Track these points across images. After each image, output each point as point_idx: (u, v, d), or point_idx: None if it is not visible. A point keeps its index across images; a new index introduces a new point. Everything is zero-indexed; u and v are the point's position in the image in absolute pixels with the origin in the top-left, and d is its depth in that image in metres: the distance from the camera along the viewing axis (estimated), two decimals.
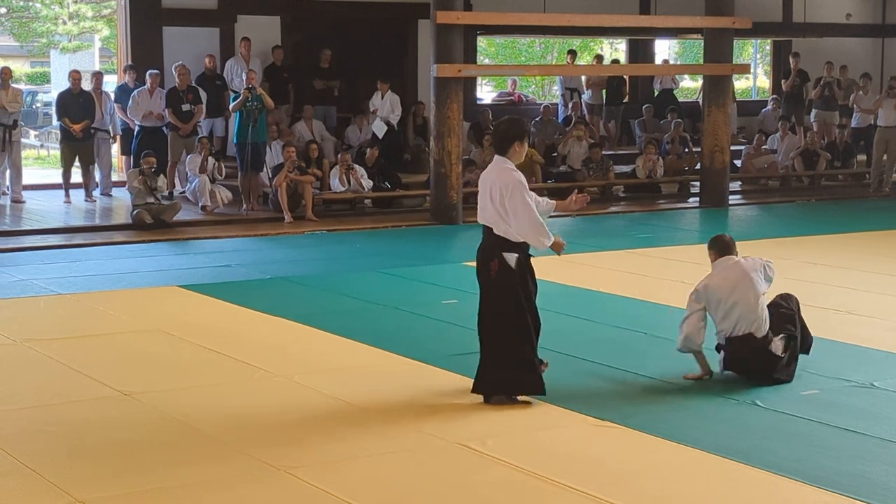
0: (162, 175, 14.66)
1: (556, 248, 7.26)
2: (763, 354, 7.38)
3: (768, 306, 7.55)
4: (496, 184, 7.09)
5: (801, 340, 7.62)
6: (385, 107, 16.79)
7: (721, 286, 7.49)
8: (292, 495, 5.60)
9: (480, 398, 7.13)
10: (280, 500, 5.56)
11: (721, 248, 7.77)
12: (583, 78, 20.59)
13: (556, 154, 18.11)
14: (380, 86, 16.80)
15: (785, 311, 7.62)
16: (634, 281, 10.99)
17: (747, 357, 7.41)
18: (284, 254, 12.79)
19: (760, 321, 7.40)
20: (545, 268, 11.72)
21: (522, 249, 7.19)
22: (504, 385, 7.11)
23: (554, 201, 7.51)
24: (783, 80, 20.96)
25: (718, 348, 7.60)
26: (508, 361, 7.10)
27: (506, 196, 7.04)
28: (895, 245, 13.20)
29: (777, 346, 7.44)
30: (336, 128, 17.53)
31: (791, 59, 20.77)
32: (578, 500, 5.49)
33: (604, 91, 20.34)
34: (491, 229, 7.17)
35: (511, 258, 7.11)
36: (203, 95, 16.14)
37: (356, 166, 15.67)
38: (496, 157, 7.23)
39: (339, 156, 15.85)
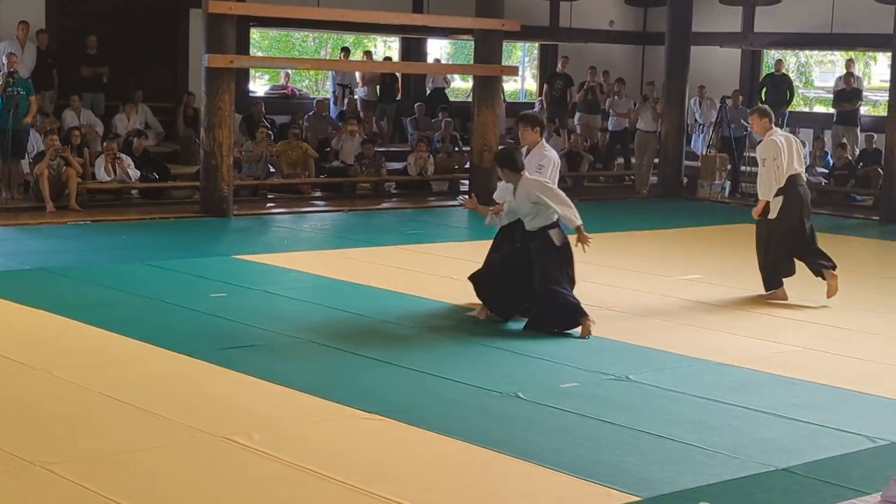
0: None
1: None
2: None
3: None
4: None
5: None
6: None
7: None
8: (49, 492, 5.44)
9: (253, 390, 7.14)
10: (35, 498, 5.39)
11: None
12: (357, 74, 20.67)
13: (329, 149, 18.13)
14: (123, 107, 16.73)
15: None
16: (403, 276, 11.12)
17: None
18: (46, 244, 12.41)
19: None
20: (312, 262, 11.78)
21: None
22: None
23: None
24: (545, 85, 21.54)
25: None
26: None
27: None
28: (651, 245, 13.76)
29: None
30: (103, 116, 17.07)
31: (559, 61, 21.36)
32: (345, 493, 5.53)
33: (378, 88, 20.46)
34: None
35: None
36: None
37: (123, 156, 15.31)
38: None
39: (105, 144, 15.46)
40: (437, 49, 28.21)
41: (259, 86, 24.51)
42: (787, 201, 10.33)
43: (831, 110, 21.06)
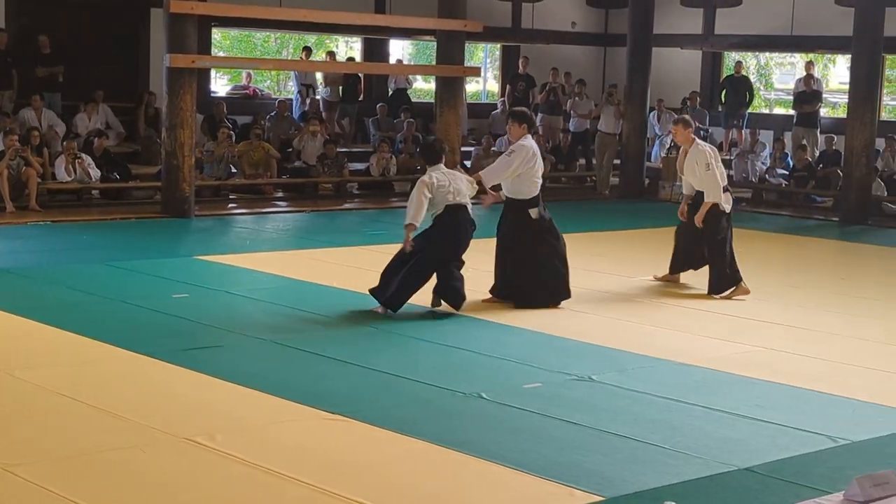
0: None
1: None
2: None
3: None
4: None
5: None
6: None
7: None
8: (12, 494, 5.39)
9: (215, 391, 7.12)
10: None
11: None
12: (318, 75, 20.63)
13: (290, 149, 18.09)
14: (84, 107, 16.80)
15: None
16: (366, 276, 11.07)
17: None
18: (6, 245, 12.30)
19: None
20: (274, 262, 11.75)
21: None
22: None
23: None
24: (508, 86, 21.55)
25: None
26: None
27: None
28: (612, 245, 13.82)
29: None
30: (62, 115, 16.94)
31: (520, 62, 21.40)
32: (310, 495, 5.51)
33: (340, 88, 20.42)
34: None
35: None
36: None
37: (83, 155, 15.21)
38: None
39: (65, 144, 15.35)
40: (399, 50, 28.20)
41: (220, 86, 24.40)
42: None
43: (791, 112, 21.22)
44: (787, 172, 19.01)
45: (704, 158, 10.70)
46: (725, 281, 10.71)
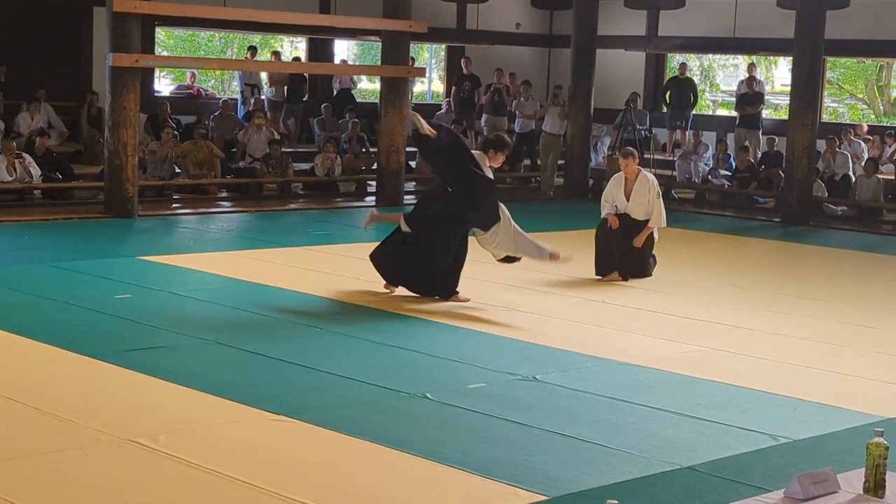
0: None
1: None
2: None
3: None
4: None
5: None
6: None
7: None
8: None
9: (158, 392, 7.08)
10: None
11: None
12: (263, 75, 20.55)
13: (235, 149, 18.01)
14: (28, 106, 16.69)
15: None
16: (310, 276, 11.08)
17: None
18: None
19: None
20: (218, 263, 11.69)
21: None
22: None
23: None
24: (454, 87, 21.57)
25: None
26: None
27: None
28: (557, 245, 13.82)
29: None
30: (3, 115, 16.75)
31: (462, 63, 21.42)
32: (254, 496, 5.49)
33: (285, 88, 20.35)
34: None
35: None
36: None
37: (25, 155, 15.05)
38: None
39: (3, 143, 15.18)
40: (344, 50, 28.14)
41: (164, 85, 24.23)
42: None
43: (734, 113, 21.40)
44: (729, 173, 19.17)
45: (655, 187, 11.43)
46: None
